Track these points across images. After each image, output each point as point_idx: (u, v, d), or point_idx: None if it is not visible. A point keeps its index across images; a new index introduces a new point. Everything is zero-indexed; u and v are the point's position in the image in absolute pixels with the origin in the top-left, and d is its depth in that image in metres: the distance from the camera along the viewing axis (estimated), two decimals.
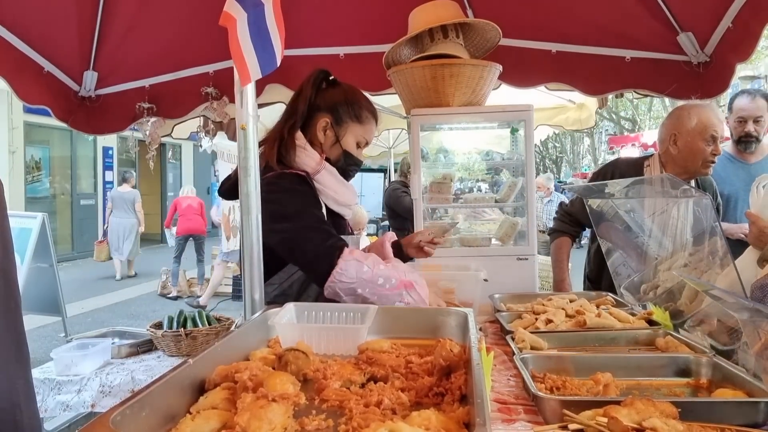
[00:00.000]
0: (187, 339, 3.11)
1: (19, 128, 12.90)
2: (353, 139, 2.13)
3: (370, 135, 2.20)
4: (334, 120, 2.09)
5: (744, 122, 3.34)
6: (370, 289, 1.80)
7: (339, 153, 2.11)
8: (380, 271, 1.83)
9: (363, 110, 2.14)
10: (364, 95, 2.21)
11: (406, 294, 1.83)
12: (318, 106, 2.10)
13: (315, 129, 2.09)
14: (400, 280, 1.84)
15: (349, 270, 1.80)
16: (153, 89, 3.67)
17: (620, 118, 28.46)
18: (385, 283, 1.81)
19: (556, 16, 3.31)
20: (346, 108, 2.10)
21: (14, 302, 1.22)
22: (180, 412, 0.95)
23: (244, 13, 1.48)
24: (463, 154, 3.65)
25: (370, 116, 2.16)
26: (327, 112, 2.09)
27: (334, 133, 2.10)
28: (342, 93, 2.14)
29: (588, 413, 1.16)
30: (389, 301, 1.80)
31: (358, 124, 2.13)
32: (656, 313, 1.99)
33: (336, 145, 2.11)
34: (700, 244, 2.02)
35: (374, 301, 1.79)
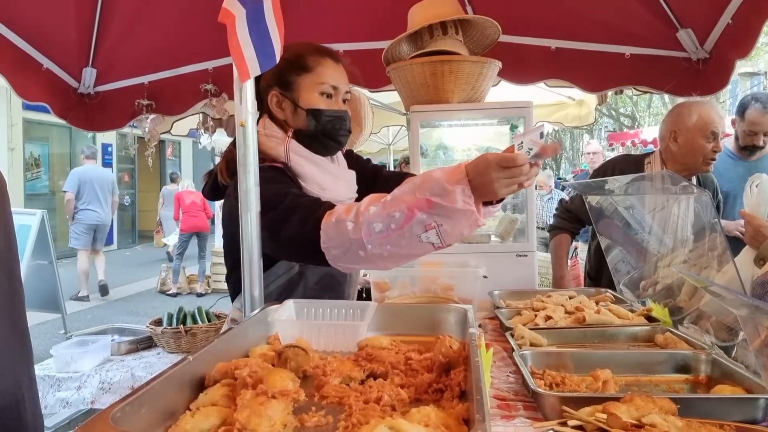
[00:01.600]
0: (187, 336, 3.12)
1: (18, 125, 12.88)
2: (311, 92, 1.75)
3: (332, 76, 1.77)
4: (281, 88, 1.76)
5: (755, 135, 3.34)
6: (373, 245, 1.37)
7: (304, 117, 1.74)
8: (371, 216, 1.36)
9: (308, 57, 1.76)
10: (305, 42, 1.82)
11: (427, 217, 1.32)
12: (263, 87, 1.77)
13: (272, 111, 1.78)
14: (407, 207, 1.33)
15: (331, 238, 1.40)
16: (152, 86, 3.66)
17: (620, 114, 28.44)
18: (388, 225, 1.34)
19: (556, 12, 3.30)
20: (287, 68, 1.74)
21: (18, 300, 1.23)
22: (180, 409, 0.96)
23: (243, 9, 1.48)
24: (463, 150, 3.65)
25: (318, 57, 1.77)
26: (273, 85, 1.77)
27: (288, 101, 1.75)
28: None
29: (587, 409, 1.16)
30: (411, 244, 1.35)
31: (307, 74, 1.75)
32: (655, 310, 1.99)
33: (297, 111, 1.74)
34: (699, 240, 2.02)
35: (393, 253, 1.38)
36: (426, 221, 1.32)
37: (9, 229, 1.22)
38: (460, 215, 1.31)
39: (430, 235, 1.34)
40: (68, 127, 4.21)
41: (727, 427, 1.10)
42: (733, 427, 1.11)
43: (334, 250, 1.41)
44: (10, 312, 1.19)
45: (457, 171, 1.32)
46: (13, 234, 1.24)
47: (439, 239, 1.34)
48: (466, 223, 1.33)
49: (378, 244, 1.36)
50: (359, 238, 1.36)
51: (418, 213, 1.32)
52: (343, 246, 1.39)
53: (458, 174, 1.31)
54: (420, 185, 1.34)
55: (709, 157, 2.70)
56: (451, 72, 2.83)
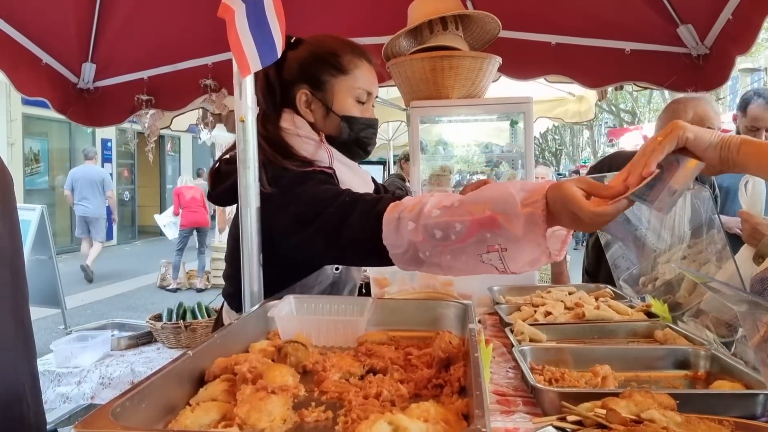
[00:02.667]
0: (187, 331, 3.13)
1: (17, 120, 12.88)
2: (346, 96, 1.62)
3: (368, 83, 1.65)
4: (311, 87, 1.62)
5: (757, 130, 3.31)
6: (432, 252, 1.22)
7: (337, 123, 1.62)
8: (433, 222, 1.20)
9: (343, 56, 1.62)
10: (339, 38, 1.67)
11: (491, 237, 1.14)
12: (288, 80, 1.64)
13: (299, 110, 1.64)
14: (471, 220, 1.16)
15: (391, 234, 1.26)
16: (152, 81, 3.66)
17: (620, 110, 28.42)
18: (448, 235, 1.18)
19: (556, 7, 3.30)
20: (319, 65, 1.61)
21: (22, 297, 1.22)
22: (180, 404, 0.96)
23: (243, 4, 1.47)
24: (463, 146, 3.65)
25: (356, 59, 1.63)
26: (301, 82, 1.63)
27: (320, 102, 1.62)
28: (307, 51, 1.64)
29: (586, 405, 1.16)
30: (470, 262, 1.20)
31: (344, 76, 1.62)
32: (655, 306, 1.99)
33: (330, 115, 1.62)
34: (698, 236, 2.02)
35: (452, 265, 1.23)
36: (489, 241, 1.15)
37: (14, 226, 1.22)
38: (524, 244, 1.12)
39: (492, 257, 1.17)
40: (68, 123, 4.21)
41: (726, 423, 1.11)
42: (732, 422, 1.11)
43: (394, 249, 1.27)
44: (14, 309, 1.18)
45: (537, 191, 1.12)
46: (18, 230, 1.24)
47: (503, 264, 1.17)
48: (531, 254, 1.14)
49: (437, 252, 1.22)
50: (418, 242, 1.22)
51: (481, 230, 1.15)
52: (402, 246, 1.26)
53: (536, 195, 1.11)
54: (493, 198, 1.15)
55: None
56: (451, 67, 2.83)
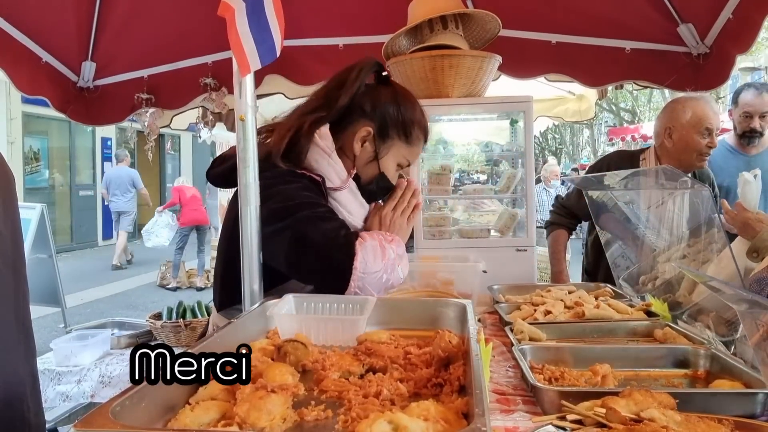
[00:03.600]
0: (187, 330, 3.13)
1: (17, 119, 12.88)
2: (395, 160, 1.71)
3: (415, 158, 1.77)
4: (377, 131, 1.65)
5: (750, 117, 3.30)
6: (391, 269, 1.49)
7: (374, 174, 1.69)
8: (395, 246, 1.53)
9: (415, 128, 1.69)
10: (420, 106, 1.74)
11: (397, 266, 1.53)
12: (361, 107, 1.66)
13: (351, 136, 1.66)
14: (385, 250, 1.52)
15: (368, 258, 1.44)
16: (151, 80, 3.66)
17: (620, 109, 28.42)
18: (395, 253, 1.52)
19: (556, 6, 3.30)
20: (395, 120, 1.66)
21: (23, 296, 1.22)
22: (179, 403, 0.96)
23: (243, 2, 1.47)
24: (463, 145, 3.64)
25: (421, 136, 1.73)
26: (371, 120, 1.65)
27: (374, 147, 1.66)
28: (394, 98, 1.69)
29: (586, 404, 1.16)
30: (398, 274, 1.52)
31: (405, 145, 1.70)
32: (655, 305, 1.99)
33: (372, 164, 1.68)
34: (698, 235, 2.02)
35: (396, 279, 1.52)
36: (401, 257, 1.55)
37: (16, 226, 1.22)
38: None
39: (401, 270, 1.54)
40: (68, 121, 4.21)
41: (725, 422, 1.11)
42: (731, 421, 1.11)
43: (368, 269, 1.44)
44: (15, 309, 1.18)
45: None
46: (19, 230, 1.23)
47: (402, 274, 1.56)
48: None
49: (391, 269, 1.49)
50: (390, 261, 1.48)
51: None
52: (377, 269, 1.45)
53: None
54: None
55: (704, 153, 2.70)
56: (451, 66, 2.82)
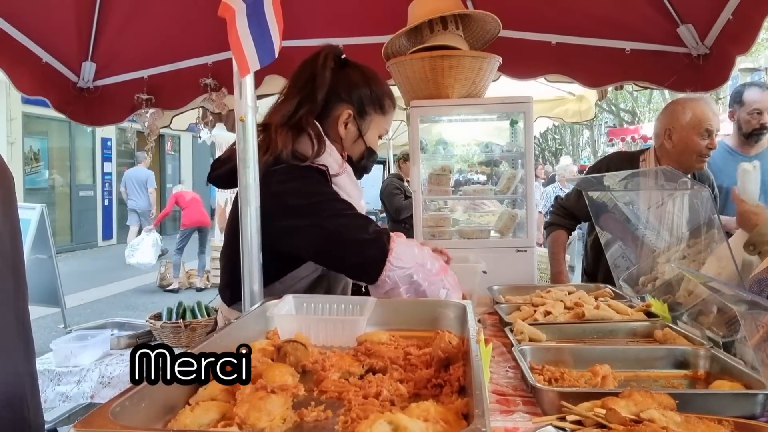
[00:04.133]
0: (186, 330, 3.12)
1: (17, 119, 12.87)
2: (376, 132, 1.88)
3: (389, 125, 1.96)
4: (357, 112, 1.81)
5: (759, 114, 3.28)
6: (423, 275, 1.59)
7: (362, 150, 1.86)
8: (426, 254, 1.64)
9: (386, 98, 1.86)
10: (383, 81, 1.92)
11: (445, 279, 1.64)
12: (336, 92, 1.79)
13: (335, 122, 1.80)
14: (441, 264, 1.67)
15: (404, 254, 1.57)
16: (151, 80, 3.66)
17: (620, 110, 28.41)
18: (432, 267, 1.62)
19: (556, 7, 3.30)
20: (369, 97, 1.82)
21: (22, 297, 1.22)
22: (179, 404, 0.96)
23: (243, 3, 1.47)
24: (463, 145, 3.65)
25: (391, 104, 1.90)
26: (347, 102, 1.80)
27: (356, 127, 1.82)
28: (362, 77, 1.83)
29: (586, 405, 1.16)
30: (436, 289, 1.61)
31: (382, 116, 1.87)
32: (655, 306, 1.99)
33: (359, 141, 1.84)
34: (698, 236, 2.02)
35: (426, 288, 1.61)
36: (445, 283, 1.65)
37: (15, 226, 1.22)
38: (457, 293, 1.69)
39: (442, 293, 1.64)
40: (67, 122, 4.21)
41: (725, 423, 1.11)
42: (731, 422, 1.11)
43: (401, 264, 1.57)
44: (15, 309, 1.18)
45: None
46: (18, 231, 1.23)
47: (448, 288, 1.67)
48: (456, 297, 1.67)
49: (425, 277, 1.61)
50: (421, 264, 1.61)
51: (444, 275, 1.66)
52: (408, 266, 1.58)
53: None
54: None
55: (703, 155, 2.69)
56: (451, 67, 2.83)
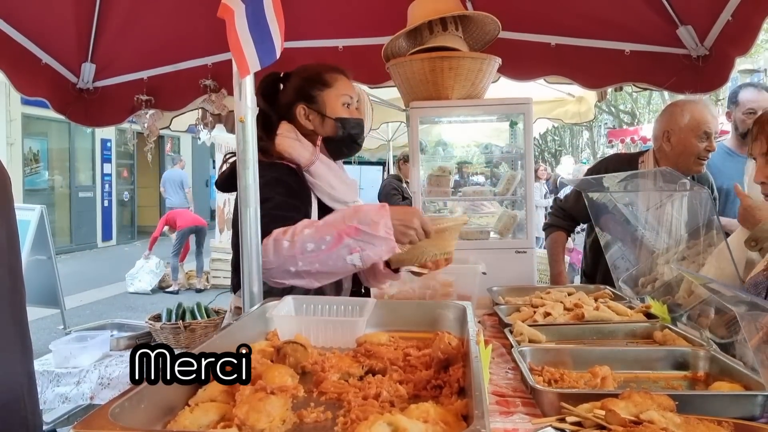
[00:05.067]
0: (186, 331, 3.12)
1: (17, 120, 12.87)
2: (335, 103, 2.01)
3: (350, 89, 2.05)
4: (306, 102, 1.99)
5: (754, 114, 3.29)
6: (303, 262, 1.61)
7: (332, 124, 2.00)
8: (305, 237, 1.61)
9: (323, 74, 2.02)
10: (317, 63, 2.09)
11: (354, 243, 1.60)
12: (287, 103, 2.02)
13: (299, 122, 2.00)
14: (337, 232, 1.61)
15: (267, 254, 1.63)
16: (151, 81, 3.65)
17: (619, 111, 28.41)
18: (319, 246, 1.60)
19: (556, 8, 3.30)
20: (307, 85, 2.00)
21: (20, 297, 1.22)
22: (179, 405, 0.96)
23: (242, 4, 1.47)
24: (462, 147, 3.65)
25: (334, 74, 2.03)
26: (297, 101, 2.00)
27: (315, 112, 2.00)
28: (296, 77, 2.04)
29: (586, 406, 1.16)
30: (337, 264, 1.62)
31: (329, 88, 2.01)
32: (654, 307, 1.99)
33: (326, 120, 1.99)
34: (697, 237, 2.02)
35: (320, 270, 1.64)
36: (352, 246, 1.61)
37: (12, 227, 1.22)
38: (381, 242, 1.61)
39: (354, 258, 1.62)
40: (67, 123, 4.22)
41: (725, 424, 1.11)
42: (731, 423, 1.11)
43: (267, 265, 1.62)
44: (12, 308, 1.18)
45: (383, 208, 1.66)
46: (15, 231, 1.24)
47: (361, 262, 1.63)
48: (384, 249, 1.63)
49: (308, 261, 1.61)
50: (293, 255, 1.61)
51: (346, 238, 1.60)
52: (277, 261, 1.63)
53: (383, 210, 1.65)
54: (350, 215, 1.64)
55: (702, 157, 2.69)
56: (451, 68, 2.83)
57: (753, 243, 1.93)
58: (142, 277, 9.87)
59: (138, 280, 9.84)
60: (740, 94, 3.35)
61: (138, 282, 9.83)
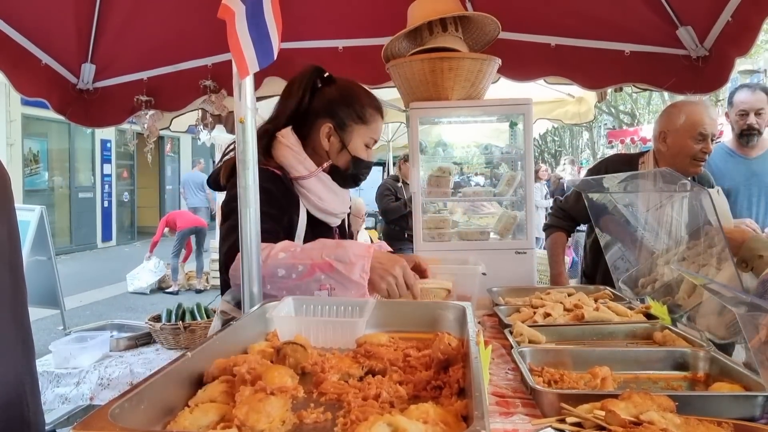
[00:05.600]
0: (186, 332, 3.12)
1: (17, 121, 12.87)
2: (360, 141, 1.95)
3: (378, 133, 2.02)
4: (336, 125, 1.91)
5: (746, 115, 3.33)
6: (272, 286, 1.57)
7: (348, 159, 1.94)
8: (278, 262, 1.57)
9: (366, 108, 1.95)
10: (365, 90, 2.02)
11: (325, 278, 1.54)
12: (315, 110, 1.93)
13: (318, 136, 1.92)
14: (311, 264, 1.55)
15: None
16: (151, 82, 3.66)
17: (619, 112, 28.40)
18: (290, 274, 1.56)
19: (555, 9, 3.30)
20: (346, 109, 1.92)
21: (21, 297, 1.22)
22: (178, 405, 0.96)
23: (243, 5, 1.47)
24: (462, 147, 3.65)
25: (375, 113, 1.97)
26: (327, 117, 1.92)
27: (339, 138, 1.92)
28: (339, 92, 1.95)
29: (585, 407, 1.16)
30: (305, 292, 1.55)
31: (364, 125, 1.95)
32: (654, 307, 1.99)
33: (343, 152, 1.94)
34: (697, 238, 2.02)
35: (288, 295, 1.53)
36: (323, 281, 1.54)
37: (12, 227, 1.22)
38: (353, 285, 1.54)
39: (322, 293, 1.55)
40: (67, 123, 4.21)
41: (725, 425, 1.11)
42: (731, 424, 1.11)
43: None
44: (13, 308, 1.18)
45: (367, 249, 1.58)
46: (16, 231, 1.23)
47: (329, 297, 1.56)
48: (354, 293, 1.55)
49: (277, 287, 1.56)
50: (263, 277, 1.53)
51: (318, 272, 1.54)
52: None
53: (366, 251, 1.57)
54: (331, 248, 1.58)
55: (698, 159, 2.68)
56: (451, 69, 2.83)
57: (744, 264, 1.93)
58: (141, 276, 9.89)
59: (137, 279, 9.86)
60: (735, 95, 3.39)
61: (137, 281, 9.87)
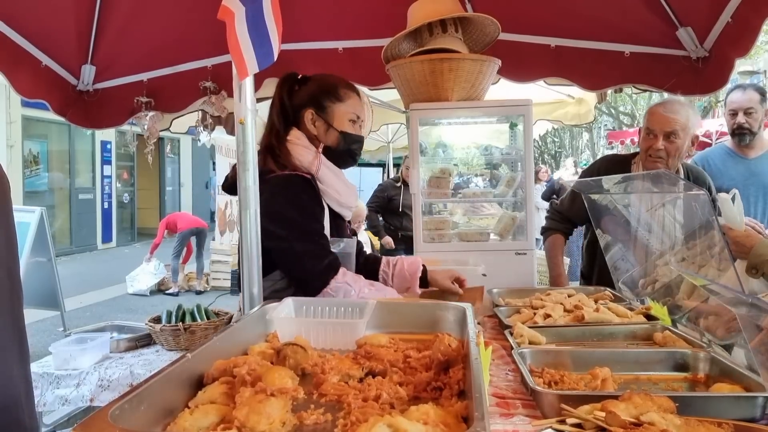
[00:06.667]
0: (186, 333, 3.12)
1: (17, 122, 12.86)
2: (344, 118, 2.15)
3: (359, 109, 2.21)
4: (316, 109, 2.13)
5: (735, 114, 3.38)
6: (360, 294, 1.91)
7: (336, 136, 2.15)
8: (366, 295, 1.90)
9: (339, 89, 2.17)
10: (335, 76, 2.26)
11: None
12: (297, 105, 2.15)
13: (305, 126, 2.14)
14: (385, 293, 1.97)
15: (338, 293, 1.90)
16: (151, 83, 3.66)
17: (619, 113, 28.38)
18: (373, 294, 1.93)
19: (555, 10, 3.30)
20: (322, 94, 2.14)
21: (18, 300, 1.22)
22: (178, 407, 0.96)
23: (243, 7, 1.47)
24: (462, 148, 3.65)
25: (348, 91, 2.19)
26: (307, 106, 2.14)
27: (323, 120, 2.14)
28: (314, 83, 2.18)
29: (586, 408, 1.16)
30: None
31: (340, 103, 2.16)
32: (654, 308, 1.99)
33: (330, 130, 2.14)
34: (696, 238, 2.02)
35: None
36: None
37: (10, 229, 1.22)
38: None
39: None
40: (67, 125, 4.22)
41: (725, 426, 1.11)
42: (731, 425, 1.11)
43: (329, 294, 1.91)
44: (10, 312, 1.18)
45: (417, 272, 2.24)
46: (13, 233, 1.23)
47: None
48: None
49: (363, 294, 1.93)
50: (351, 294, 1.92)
51: None
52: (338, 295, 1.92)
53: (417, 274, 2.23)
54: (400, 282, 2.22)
55: (653, 156, 2.68)
56: (451, 70, 2.83)
57: (754, 270, 1.92)
58: (140, 278, 9.88)
59: (137, 281, 9.85)
60: (729, 95, 3.44)
61: (137, 283, 9.85)
